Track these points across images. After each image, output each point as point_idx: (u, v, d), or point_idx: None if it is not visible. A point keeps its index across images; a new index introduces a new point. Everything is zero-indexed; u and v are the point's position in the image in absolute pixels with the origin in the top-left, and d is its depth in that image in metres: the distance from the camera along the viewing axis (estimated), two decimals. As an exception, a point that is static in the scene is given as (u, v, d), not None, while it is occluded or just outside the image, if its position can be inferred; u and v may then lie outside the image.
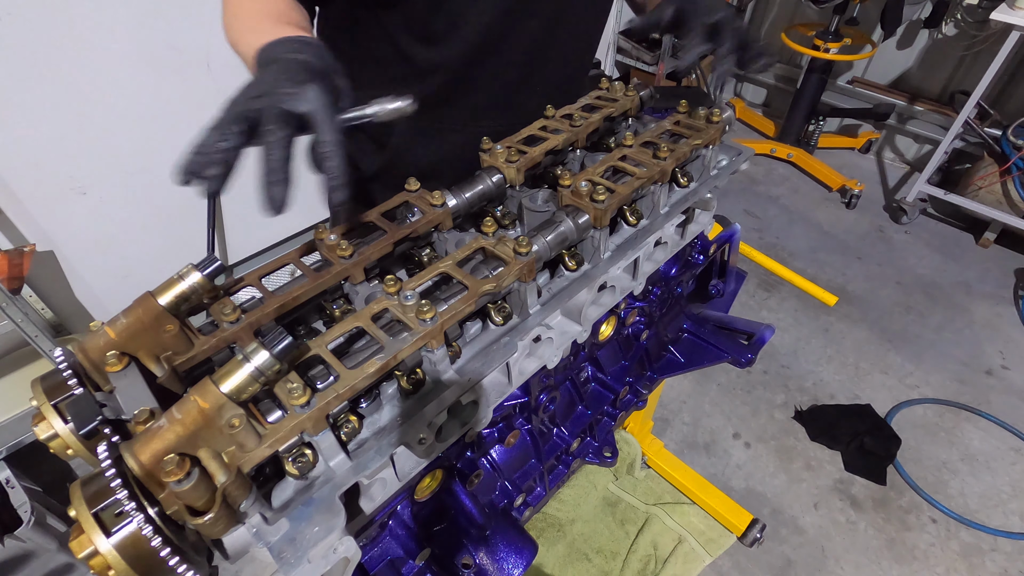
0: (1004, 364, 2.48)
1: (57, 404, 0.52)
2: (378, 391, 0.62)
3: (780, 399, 2.34)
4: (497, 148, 0.82)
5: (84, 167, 1.87)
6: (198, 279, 0.56)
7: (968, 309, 2.74)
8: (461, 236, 0.78)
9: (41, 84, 1.70)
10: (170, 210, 2.14)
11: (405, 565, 0.81)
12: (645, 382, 1.23)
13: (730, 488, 2.04)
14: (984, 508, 2.00)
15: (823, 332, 2.62)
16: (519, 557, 0.83)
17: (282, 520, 0.52)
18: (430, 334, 0.58)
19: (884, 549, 1.89)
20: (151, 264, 2.14)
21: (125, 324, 0.54)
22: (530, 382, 0.86)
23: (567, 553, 1.81)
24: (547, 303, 0.72)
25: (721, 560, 1.82)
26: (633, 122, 1.00)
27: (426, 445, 0.61)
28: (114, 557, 0.43)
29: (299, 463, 0.54)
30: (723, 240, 1.21)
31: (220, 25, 0.80)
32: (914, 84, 3.46)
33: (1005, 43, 2.47)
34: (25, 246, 1.71)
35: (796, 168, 3.62)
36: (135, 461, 0.44)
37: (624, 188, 0.74)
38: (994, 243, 3.08)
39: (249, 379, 0.47)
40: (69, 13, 1.67)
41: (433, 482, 0.81)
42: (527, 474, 1.04)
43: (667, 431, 2.23)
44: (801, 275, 2.86)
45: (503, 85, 0.99)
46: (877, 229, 3.21)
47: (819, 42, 3.10)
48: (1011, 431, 2.22)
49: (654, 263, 0.87)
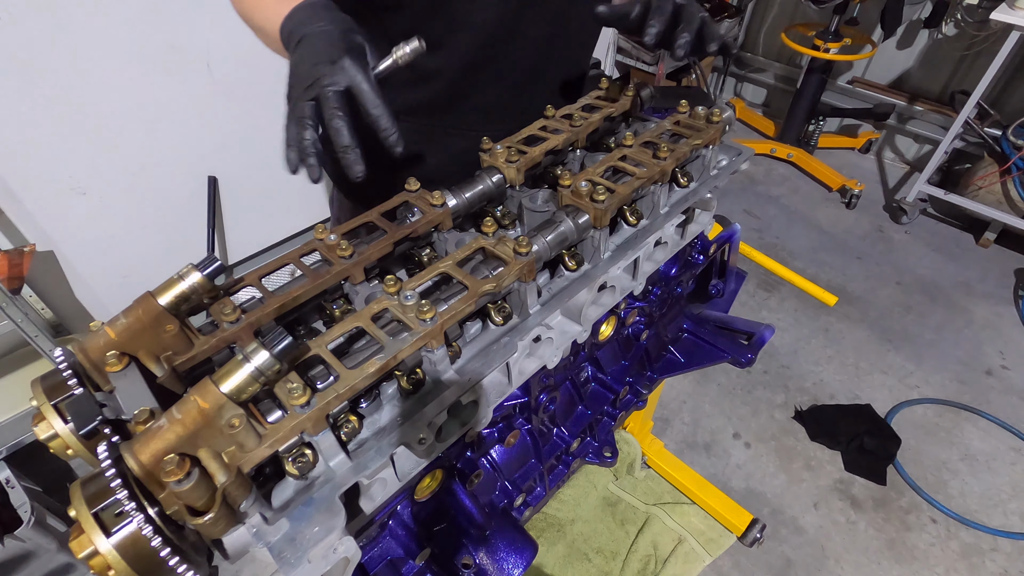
0: (1004, 364, 2.48)
1: (57, 404, 0.52)
2: (378, 391, 0.62)
3: (780, 399, 2.34)
4: (497, 148, 0.82)
5: (84, 167, 1.87)
6: (198, 279, 0.56)
7: (968, 309, 2.74)
8: (461, 236, 0.78)
9: (41, 84, 1.70)
10: (170, 210, 2.14)
11: (405, 565, 0.81)
12: (645, 382, 1.23)
13: (730, 488, 2.04)
14: (984, 508, 2.00)
15: (823, 332, 2.62)
16: (519, 557, 0.83)
17: (282, 520, 0.52)
18: (430, 334, 0.58)
19: (884, 549, 1.89)
20: (151, 264, 2.14)
21: (125, 324, 0.54)
22: (530, 382, 0.86)
23: (567, 553, 1.81)
24: (547, 303, 0.72)
25: (721, 560, 1.82)
26: (633, 122, 1.00)
27: (426, 445, 0.61)
28: (114, 557, 0.43)
29: (299, 463, 0.54)
30: (723, 240, 1.21)
31: (220, 25, 0.81)
32: (914, 84, 3.45)
33: (1005, 43, 2.47)
34: (25, 246, 1.71)
35: (796, 168, 3.62)
36: (135, 461, 0.44)
37: (624, 188, 0.74)
38: (994, 243, 3.08)
39: (249, 379, 0.47)
40: (69, 13, 1.67)
41: (433, 482, 0.81)
42: (527, 474, 1.04)
43: (667, 431, 2.23)
44: (801, 275, 2.86)
45: (505, 89, 0.99)
46: (877, 229, 3.21)
47: (819, 42, 3.10)
48: (1011, 431, 2.22)
49: (654, 263, 0.87)
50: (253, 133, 2.19)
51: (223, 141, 2.16)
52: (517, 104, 1.01)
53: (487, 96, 0.99)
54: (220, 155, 2.18)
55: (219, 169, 2.20)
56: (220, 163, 2.19)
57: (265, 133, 2.19)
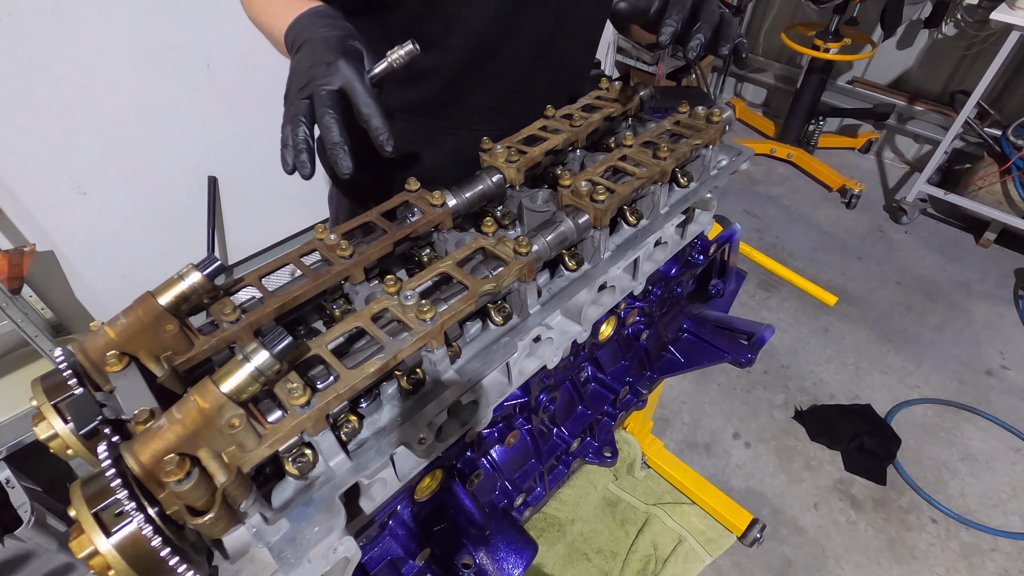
0: (1004, 364, 2.48)
1: (57, 404, 0.52)
2: (378, 391, 0.62)
3: (780, 399, 2.34)
4: (497, 148, 0.82)
5: (84, 167, 1.87)
6: (198, 279, 0.56)
7: (968, 309, 2.74)
8: (461, 236, 0.78)
9: (41, 84, 1.70)
10: (170, 210, 2.14)
11: (405, 565, 0.81)
12: (645, 382, 1.23)
13: (730, 488, 2.04)
14: (984, 508, 2.00)
15: (823, 332, 2.62)
16: (519, 557, 0.83)
17: (282, 520, 0.52)
18: (430, 334, 0.58)
19: (884, 549, 1.89)
20: (151, 264, 2.15)
21: (125, 324, 0.54)
22: (530, 382, 0.86)
23: (567, 553, 1.81)
24: (547, 303, 0.72)
25: (721, 560, 1.82)
26: (633, 122, 1.00)
27: (426, 445, 0.61)
28: (114, 557, 0.43)
29: (299, 463, 0.54)
30: (723, 240, 1.21)
31: (220, 25, 0.82)
32: (914, 84, 3.46)
33: (1005, 43, 2.48)
34: (25, 246, 1.71)
35: (796, 168, 3.62)
36: (135, 461, 0.44)
37: (624, 188, 0.74)
38: (994, 243, 3.08)
39: (249, 379, 0.47)
40: (69, 13, 1.67)
41: (433, 482, 0.81)
42: (527, 474, 1.04)
43: (667, 431, 2.23)
44: (801, 275, 2.86)
45: (502, 89, 0.99)
46: (877, 229, 3.21)
47: (819, 42, 3.10)
48: (1011, 431, 2.22)
49: (654, 263, 0.87)
50: (253, 133, 2.19)
51: (223, 141, 2.16)
52: (516, 104, 1.01)
53: (485, 96, 0.99)
54: (220, 155, 2.18)
55: (219, 169, 2.20)
56: (220, 163, 2.19)
57: (265, 133, 2.19)
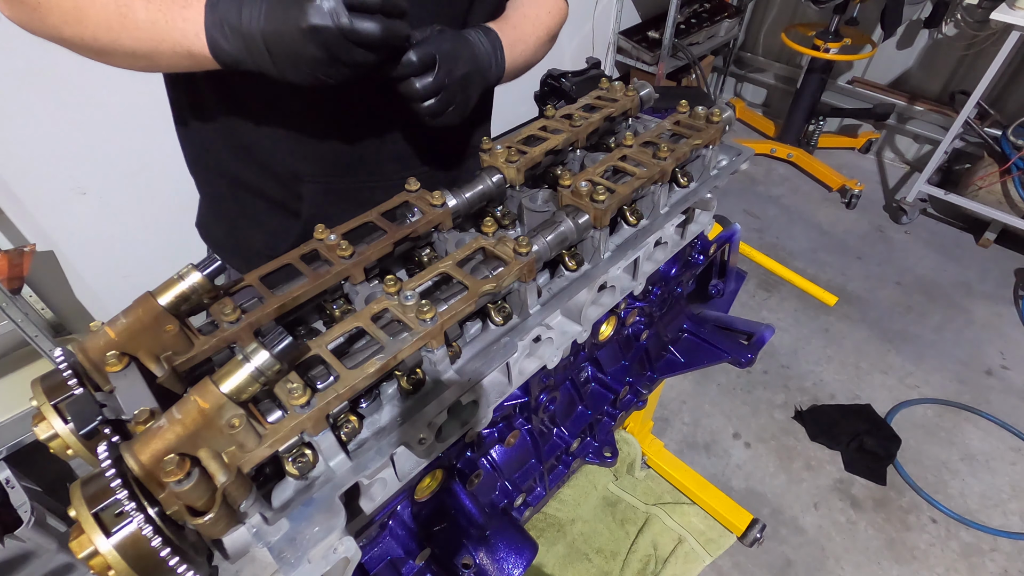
0: (1004, 364, 2.48)
1: (57, 404, 0.52)
2: (378, 391, 0.62)
3: (780, 399, 2.34)
4: (497, 148, 0.82)
5: (84, 167, 1.87)
6: (198, 279, 0.56)
7: (968, 309, 2.74)
8: (461, 236, 0.78)
9: (41, 84, 1.70)
10: (170, 210, 2.13)
11: (405, 565, 0.81)
12: (645, 382, 1.23)
13: (730, 488, 2.04)
14: (984, 508, 2.00)
15: (823, 332, 2.62)
16: (519, 557, 0.83)
17: (282, 520, 0.52)
18: (430, 334, 0.58)
19: (884, 549, 1.89)
20: (151, 264, 2.14)
21: (125, 324, 0.54)
22: (530, 382, 0.86)
23: (567, 553, 1.81)
24: (547, 303, 0.72)
25: (721, 560, 1.82)
26: (633, 122, 1.00)
27: (426, 445, 0.61)
28: (114, 557, 0.43)
29: (299, 463, 0.54)
30: (723, 240, 1.21)
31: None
32: (914, 84, 3.46)
33: (1005, 43, 2.47)
34: (25, 246, 1.71)
35: (796, 168, 3.62)
36: (135, 461, 0.44)
37: (624, 188, 0.74)
38: (994, 243, 3.08)
39: (249, 379, 0.47)
40: (69, 13, 1.67)
41: (433, 482, 0.81)
42: (527, 474, 1.04)
43: (667, 431, 2.23)
44: (801, 275, 2.86)
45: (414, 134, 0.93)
46: (877, 229, 3.21)
47: (819, 42, 3.10)
48: (1011, 431, 2.22)
49: (654, 263, 0.87)
50: (253, 133, 2.19)
51: (223, 141, 2.15)
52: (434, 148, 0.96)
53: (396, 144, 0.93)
54: (220, 155, 2.17)
55: (219, 169, 2.20)
56: (220, 163, 2.19)
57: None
